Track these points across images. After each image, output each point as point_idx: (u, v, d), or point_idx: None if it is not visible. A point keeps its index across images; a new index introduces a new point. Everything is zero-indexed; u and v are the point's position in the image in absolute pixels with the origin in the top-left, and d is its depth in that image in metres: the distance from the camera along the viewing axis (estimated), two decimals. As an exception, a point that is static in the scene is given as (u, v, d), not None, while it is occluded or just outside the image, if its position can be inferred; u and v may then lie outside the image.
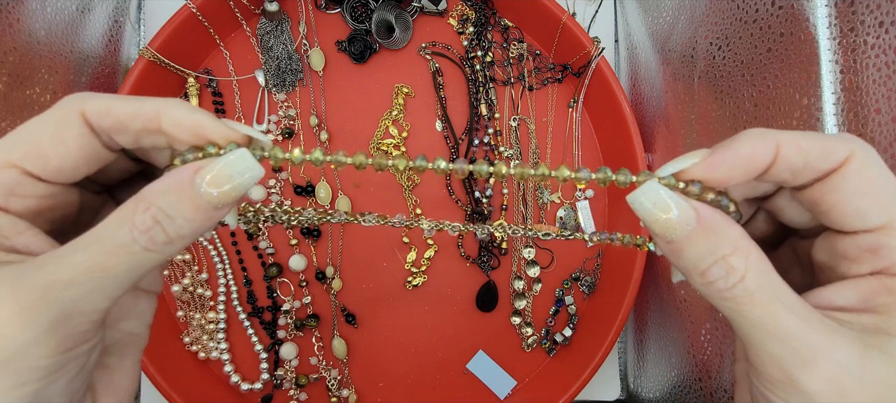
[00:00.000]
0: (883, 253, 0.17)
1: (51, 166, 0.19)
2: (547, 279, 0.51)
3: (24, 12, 0.37)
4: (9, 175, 0.19)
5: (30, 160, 0.19)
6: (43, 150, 0.19)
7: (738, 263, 0.17)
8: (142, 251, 0.18)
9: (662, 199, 0.17)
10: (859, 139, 0.17)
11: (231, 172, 0.19)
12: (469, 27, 0.51)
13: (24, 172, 0.19)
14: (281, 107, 0.50)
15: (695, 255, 0.17)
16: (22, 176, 0.19)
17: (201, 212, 0.19)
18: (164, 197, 0.18)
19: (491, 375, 0.50)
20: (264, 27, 0.49)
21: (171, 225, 0.18)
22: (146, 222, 0.18)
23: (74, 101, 0.19)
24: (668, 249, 0.18)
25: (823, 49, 0.33)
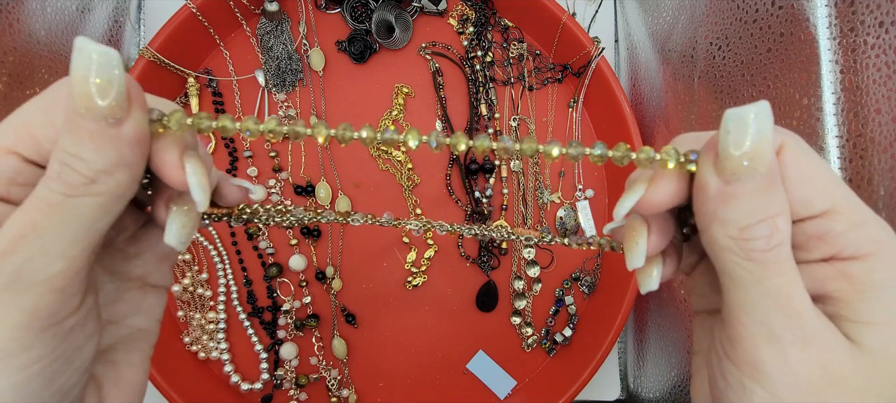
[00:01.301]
0: (830, 239, 0.17)
1: (44, 149, 0.18)
2: (547, 279, 0.51)
3: (24, 12, 0.37)
4: (7, 162, 0.18)
5: (24, 145, 0.18)
6: (35, 133, 0.18)
7: (784, 226, 0.16)
8: (64, 198, 0.17)
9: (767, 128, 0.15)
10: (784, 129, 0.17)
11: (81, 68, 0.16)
12: (469, 27, 0.51)
13: (23, 159, 0.18)
14: (281, 107, 0.50)
15: (748, 207, 0.16)
16: (21, 163, 0.18)
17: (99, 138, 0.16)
18: (62, 135, 0.17)
19: (491, 375, 0.50)
20: (264, 27, 0.49)
21: (79, 162, 0.17)
22: (53, 169, 0.17)
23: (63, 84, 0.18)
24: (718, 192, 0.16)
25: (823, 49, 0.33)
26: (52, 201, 0.17)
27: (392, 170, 0.50)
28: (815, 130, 0.34)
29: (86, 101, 0.16)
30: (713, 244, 0.17)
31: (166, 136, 0.18)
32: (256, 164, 0.49)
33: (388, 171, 0.50)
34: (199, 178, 0.18)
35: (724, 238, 0.16)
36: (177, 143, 0.18)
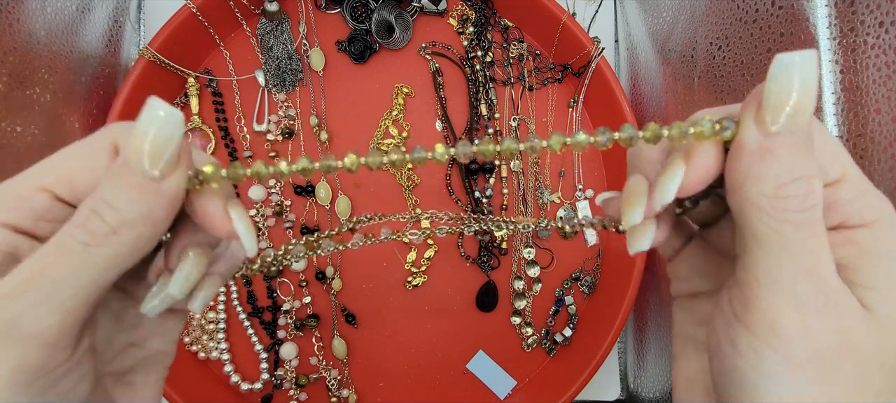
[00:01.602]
0: (838, 207, 0.17)
1: (78, 192, 0.18)
2: (547, 279, 0.51)
3: (24, 12, 0.37)
4: (40, 199, 0.18)
5: (60, 185, 0.18)
6: (73, 176, 0.18)
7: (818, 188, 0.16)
8: (82, 248, 0.17)
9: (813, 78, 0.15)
10: None
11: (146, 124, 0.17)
12: (469, 27, 0.51)
13: (54, 197, 0.18)
14: (281, 107, 0.50)
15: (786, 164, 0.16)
16: (52, 201, 0.18)
17: (139, 190, 0.17)
18: (102, 184, 0.17)
19: (491, 375, 0.50)
20: (264, 27, 0.49)
21: (110, 211, 0.17)
22: (81, 214, 0.17)
23: (107, 134, 0.19)
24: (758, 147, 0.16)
25: (823, 49, 0.33)
26: (69, 248, 0.17)
27: (392, 170, 0.50)
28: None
29: (139, 154, 0.17)
30: (745, 204, 0.16)
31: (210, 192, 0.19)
32: (256, 164, 0.49)
33: (389, 171, 0.50)
34: (247, 225, 0.19)
35: (759, 196, 0.16)
36: (221, 195, 0.19)
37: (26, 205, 0.18)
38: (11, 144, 0.36)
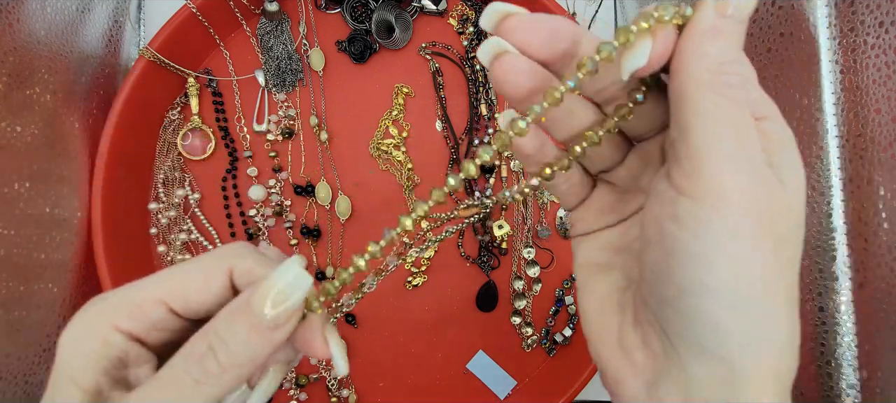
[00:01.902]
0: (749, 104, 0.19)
1: (191, 309, 0.21)
2: (547, 279, 0.51)
3: (24, 12, 0.37)
4: (157, 311, 0.20)
5: (177, 301, 0.20)
6: (189, 294, 0.20)
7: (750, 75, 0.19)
8: (193, 383, 0.19)
9: None
10: None
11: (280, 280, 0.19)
12: (469, 27, 0.51)
13: (169, 310, 0.20)
14: (281, 107, 0.50)
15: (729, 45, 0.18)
16: (167, 313, 0.20)
17: (256, 333, 0.19)
18: (222, 321, 0.19)
19: (491, 375, 0.50)
20: (264, 27, 0.49)
21: (225, 350, 0.19)
22: (200, 349, 0.19)
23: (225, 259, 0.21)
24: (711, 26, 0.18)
25: (823, 49, 0.33)
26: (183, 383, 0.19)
27: (392, 170, 0.50)
28: (815, 130, 0.34)
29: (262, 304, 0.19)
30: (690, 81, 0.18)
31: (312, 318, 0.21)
32: (256, 164, 0.49)
33: (388, 171, 0.50)
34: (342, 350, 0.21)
35: (702, 71, 0.18)
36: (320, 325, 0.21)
37: (144, 316, 0.20)
38: (11, 144, 0.36)
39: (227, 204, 0.49)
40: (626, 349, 0.21)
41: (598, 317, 0.23)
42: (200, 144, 0.49)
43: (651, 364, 0.20)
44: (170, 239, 0.48)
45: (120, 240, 0.45)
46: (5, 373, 0.35)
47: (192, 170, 0.49)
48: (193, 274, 0.21)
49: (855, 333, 0.33)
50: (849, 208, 0.33)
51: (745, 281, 0.17)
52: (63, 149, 0.41)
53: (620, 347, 0.21)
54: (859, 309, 0.33)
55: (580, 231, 0.25)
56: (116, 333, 0.20)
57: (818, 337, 0.35)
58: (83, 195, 0.44)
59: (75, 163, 0.43)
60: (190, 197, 0.49)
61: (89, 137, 0.44)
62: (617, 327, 0.22)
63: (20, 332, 0.37)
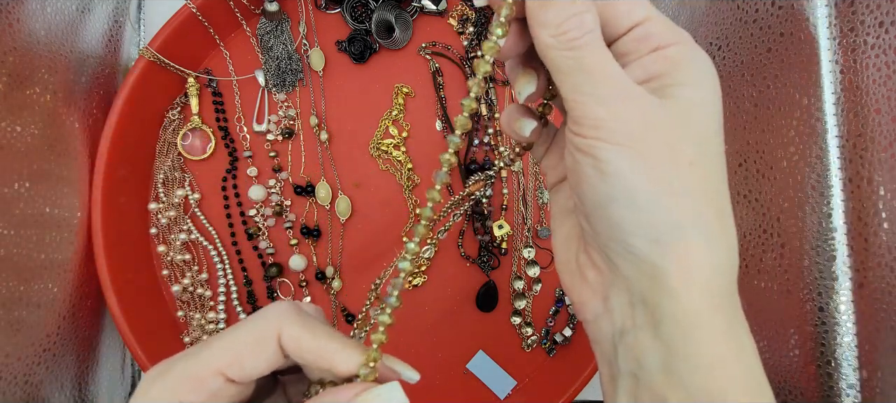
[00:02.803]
0: (652, 36, 0.21)
1: (245, 374, 0.23)
2: (547, 279, 0.51)
3: (24, 12, 0.37)
4: (215, 381, 0.22)
5: (233, 369, 0.22)
6: (243, 362, 0.22)
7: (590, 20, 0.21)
8: None
9: None
10: None
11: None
12: (469, 27, 0.51)
13: (227, 379, 0.22)
14: (281, 107, 0.50)
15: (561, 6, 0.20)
16: (224, 382, 0.22)
17: None
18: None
19: (491, 375, 0.50)
20: (264, 27, 0.49)
21: None
22: None
23: (274, 323, 0.23)
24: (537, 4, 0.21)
25: (823, 49, 0.33)
26: None
27: (392, 170, 0.50)
28: (815, 130, 0.34)
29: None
30: (541, 46, 0.21)
31: None
32: (256, 164, 0.49)
33: (388, 171, 0.50)
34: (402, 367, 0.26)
35: (548, 38, 0.21)
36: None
37: (205, 387, 0.22)
38: (11, 144, 0.36)
39: (227, 205, 0.49)
40: (582, 271, 0.24)
41: (563, 251, 0.26)
42: (200, 144, 0.49)
43: (600, 280, 0.23)
44: (170, 239, 0.48)
45: (120, 240, 0.45)
46: (5, 373, 0.35)
47: (192, 170, 0.49)
48: (246, 343, 0.23)
49: (855, 333, 0.33)
50: (849, 208, 0.33)
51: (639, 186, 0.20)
52: (63, 149, 0.41)
53: (578, 271, 0.25)
54: (859, 309, 0.33)
55: (552, 180, 0.28)
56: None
57: (818, 337, 0.35)
58: (83, 195, 0.44)
59: (75, 163, 0.43)
60: (190, 197, 0.49)
61: (89, 137, 0.44)
62: (575, 255, 0.25)
63: (20, 332, 0.37)
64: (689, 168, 0.20)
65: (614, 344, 0.23)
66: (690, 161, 0.20)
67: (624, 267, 0.22)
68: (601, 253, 0.23)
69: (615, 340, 0.23)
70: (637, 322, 0.22)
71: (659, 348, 0.21)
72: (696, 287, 0.20)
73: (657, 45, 0.21)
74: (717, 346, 0.20)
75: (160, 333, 0.47)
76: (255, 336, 0.23)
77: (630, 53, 0.22)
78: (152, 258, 0.49)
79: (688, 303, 0.20)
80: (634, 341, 0.22)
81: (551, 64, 0.21)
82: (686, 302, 0.20)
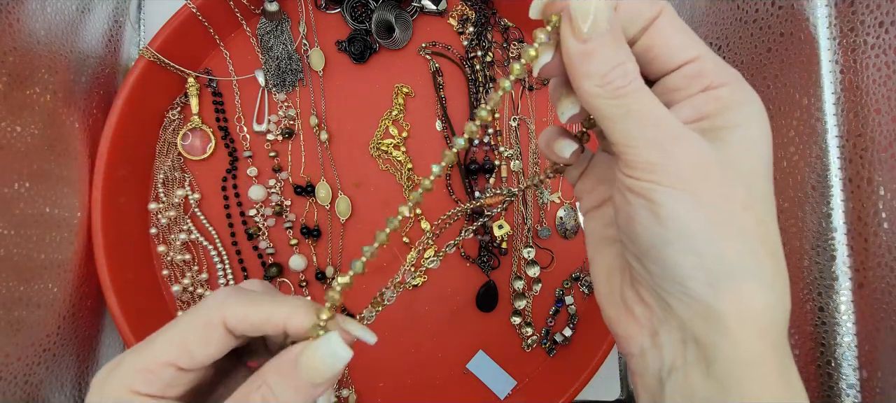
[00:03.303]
0: (703, 75, 0.21)
1: (196, 361, 0.23)
2: (547, 279, 0.51)
3: (24, 12, 0.37)
4: (166, 372, 0.23)
5: (182, 359, 0.23)
6: (191, 350, 0.23)
7: (632, 69, 0.21)
8: None
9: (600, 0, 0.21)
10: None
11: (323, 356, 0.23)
12: (469, 27, 0.51)
13: (178, 368, 0.23)
14: (281, 107, 0.50)
15: (604, 57, 0.20)
16: (176, 372, 0.23)
17: (302, 391, 0.23)
18: (272, 376, 0.23)
19: (491, 375, 0.50)
20: (264, 27, 0.49)
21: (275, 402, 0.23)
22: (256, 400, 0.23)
23: (215, 310, 0.24)
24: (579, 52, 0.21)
25: (823, 49, 0.33)
26: None
27: (392, 170, 0.50)
28: (815, 130, 0.34)
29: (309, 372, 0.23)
30: (586, 96, 0.21)
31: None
32: (256, 164, 0.49)
33: (388, 171, 0.50)
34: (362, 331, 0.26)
35: (593, 88, 0.21)
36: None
37: (157, 378, 0.23)
38: (11, 144, 0.36)
39: (227, 204, 0.49)
40: (627, 306, 0.24)
41: (605, 283, 0.26)
42: (200, 144, 0.49)
43: (649, 316, 0.23)
44: (170, 239, 0.48)
45: (120, 240, 0.45)
46: (5, 373, 0.35)
47: (192, 170, 0.49)
48: (192, 333, 0.23)
49: (855, 333, 0.33)
50: (849, 208, 0.33)
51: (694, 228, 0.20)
52: (63, 149, 0.41)
53: (624, 305, 0.24)
54: (859, 309, 0.33)
55: (586, 206, 0.28)
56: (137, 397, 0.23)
57: (818, 337, 0.35)
58: (83, 195, 0.44)
59: (75, 163, 0.43)
60: (190, 197, 0.49)
61: (89, 137, 0.44)
62: (619, 288, 0.25)
63: (20, 332, 0.37)
64: (743, 210, 0.20)
65: (661, 380, 0.23)
66: (744, 204, 0.20)
67: (678, 307, 0.21)
68: (652, 291, 0.23)
69: (662, 376, 0.23)
70: (688, 359, 0.22)
71: (712, 387, 0.21)
72: (751, 329, 0.20)
73: (708, 85, 0.21)
74: (771, 388, 0.20)
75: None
76: (199, 324, 0.23)
77: (680, 89, 0.22)
78: (152, 258, 0.49)
79: (743, 345, 0.20)
80: (684, 379, 0.22)
81: (597, 112, 0.21)
82: (741, 344, 0.20)
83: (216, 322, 0.23)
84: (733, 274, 0.20)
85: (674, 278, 0.21)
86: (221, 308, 0.23)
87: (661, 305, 0.22)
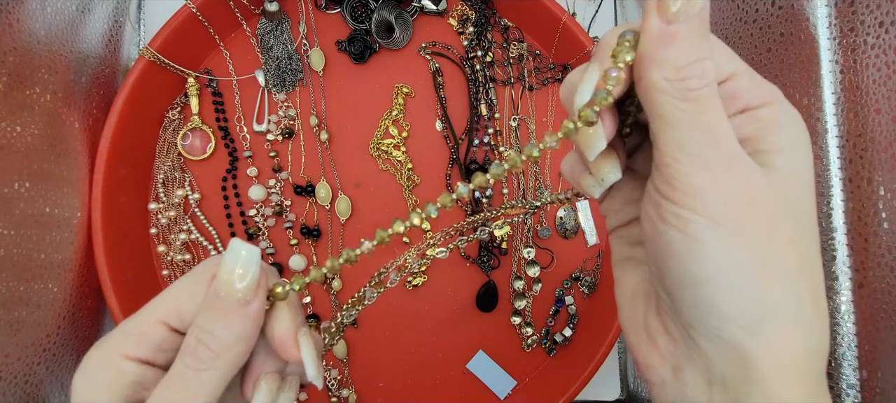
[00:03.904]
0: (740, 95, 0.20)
1: (186, 320, 0.22)
2: (547, 279, 0.51)
3: (24, 12, 0.37)
4: (158, 332, 0.22)
5: (172, 317, 0.22)
6: (181, 308, 0.22)
7: (710, 69, 0.19)
8: (194, 373, 0.21)
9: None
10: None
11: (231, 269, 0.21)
12: (469, 27, 0.51)
13: (169, 328, 0.22)
14: (281, 107, 0.50)
15: (684, 48, 0.18)
16: (167, 332, 0.22)
17: (232, 314, 0.21)
18: (201, 315, 0.21)
19: (491, 375, 0.50)
20: (264, 27, 0.49)
21: (212, 338, 0.21)
22: (190, 344, 0.21)
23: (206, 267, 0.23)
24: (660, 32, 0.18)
25: (823, 49, 0.33)
26: (185, 377, 0.21)
27: (392, 170, 0.50)
28: (815, 130, 0.34)
29: (227, 287, 0.20)
30: (651, 88, 0.19)
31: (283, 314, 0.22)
32: (256, 164, 0.49)
33: (388, 171, 0.50)
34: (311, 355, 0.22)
35: (662, 80, 0.18)
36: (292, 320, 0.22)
37: (148, 339, 0.22)
38: (11, 144, 0.36)
39: (227, 205, 0.49)
40: (651, 335, 0.22)
41: (629, 306, 0.24)
42: (200, 144, 0.49)
43: (673, 350, 0.21)
44: (170, 239, 0.48)
45: (120, 240, 0.45)
46: (5, 373, 0.35)
47: (192, 170, 0.49)
48: (181, 288, 0.22)
49: (855, 333, 0.33)
50: (849, 208, 0.33)
51: (734, 268, 0.18)
52: (63, 149, 0.41)
53: (647, 333, 0.22)
54: (859, 309, 0.33)
55: (612, 224, 0.26)
56: (127, 361, 0.22)
57: (818, 337, 0.35)
58: (83, 195, 0.44)
59: (75, 163, 0.43)
60: (190, 197, 0.49)
61: (89, 137, 0.44)
62: (643, 315, 0.23)
63: (20, 332, 0.37)
64: (789, 246, 0.19)
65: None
66: (790, 238, 0.19)
67: (707, 347, 0.20)
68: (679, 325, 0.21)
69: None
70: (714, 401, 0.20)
71: None
72: (788, 374, 0.19)
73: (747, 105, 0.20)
74: None
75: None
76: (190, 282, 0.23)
77: None
78: (152, 258, 0.49)
79: (780, 392, 0.19)
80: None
81: (657, 110, 0.19)
82: (778, 392, 0.19)
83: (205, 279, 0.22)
84: (773, 316, 0.18)
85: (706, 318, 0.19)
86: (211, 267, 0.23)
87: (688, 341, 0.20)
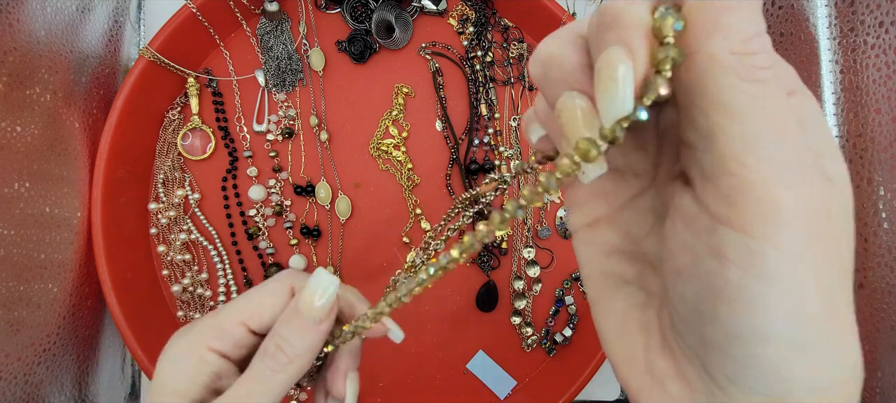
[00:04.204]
0: None
1: (265, 325, 0.26)
2: (547, 279, 0.51)
3: (24, 12, 0.37)
4: (238, 330, 0.26)
5: (253, 320, 0.26)
6: (262, 313, 0.26)
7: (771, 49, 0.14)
8: (271, 374, 0.25)
9: None
10: None
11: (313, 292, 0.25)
12: (469, 27, 0.51)
13: (248, 329, 0.26)
14: (281, 107, 0.50)
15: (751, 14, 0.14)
16: (246, 332, 0.26)
17: (307, 330, 0.25)
18: (281, 325, 0.25)
19: (491, 375, 0.50)
20: (264, 27, 0.49)
21: (289, 346, 0.25)
22: (270, 349, 0.25)
23: (285, 281, 0.27)
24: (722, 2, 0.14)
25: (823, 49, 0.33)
26: (263, 375, 0.25)
27: (392, 170, 0.50)
28: (815, 130, 0.34)
29: (307, 307, 0.25)
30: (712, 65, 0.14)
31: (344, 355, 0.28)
32: (256, 164, 0.49)
33: (389, 171, 0.50)
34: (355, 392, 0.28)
35: (726, 54, 0.14)
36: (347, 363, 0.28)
37: (229, 336, 0.26)
38: (11, 144, 0.36)
39: (227, 205, 0.49)
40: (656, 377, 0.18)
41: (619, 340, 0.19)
42: (200, 144, 0.49)
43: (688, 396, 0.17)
44: (170, 239, 0.48)
45: (120, 240, 0.45)
46: (5, 373, 0.35)
47: (192, 170, 0.49)
48: (264, 297, 0.26)
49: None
50: (849, 208, 0.33)
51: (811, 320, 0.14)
52: (63, 149, 0.41)
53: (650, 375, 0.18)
54: (859, 309, 0.33)
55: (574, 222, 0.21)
56: (210, 353, 0.25)
57: (818, 337, 0.35)
58: (83, 195, 0.44)
59: (75, 163, 0.43)
60: (190, 197, 0.49)
61: (89, 137, 0.44)
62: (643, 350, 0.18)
63: (20, 332, 0.37)
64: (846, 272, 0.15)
65: None
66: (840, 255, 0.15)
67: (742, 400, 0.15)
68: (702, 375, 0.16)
69: None
70: None
71: None
72: None
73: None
74: None
75: (160, 333, 0.47)
76: (271, 289, 0.26)
77: None
78: (152, 258, 0.49)
79: None
80: None
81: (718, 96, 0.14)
82: None
83: (285, 289, 0.26)
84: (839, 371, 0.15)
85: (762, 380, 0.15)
86: (290, 280, 0.27)
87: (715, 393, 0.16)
